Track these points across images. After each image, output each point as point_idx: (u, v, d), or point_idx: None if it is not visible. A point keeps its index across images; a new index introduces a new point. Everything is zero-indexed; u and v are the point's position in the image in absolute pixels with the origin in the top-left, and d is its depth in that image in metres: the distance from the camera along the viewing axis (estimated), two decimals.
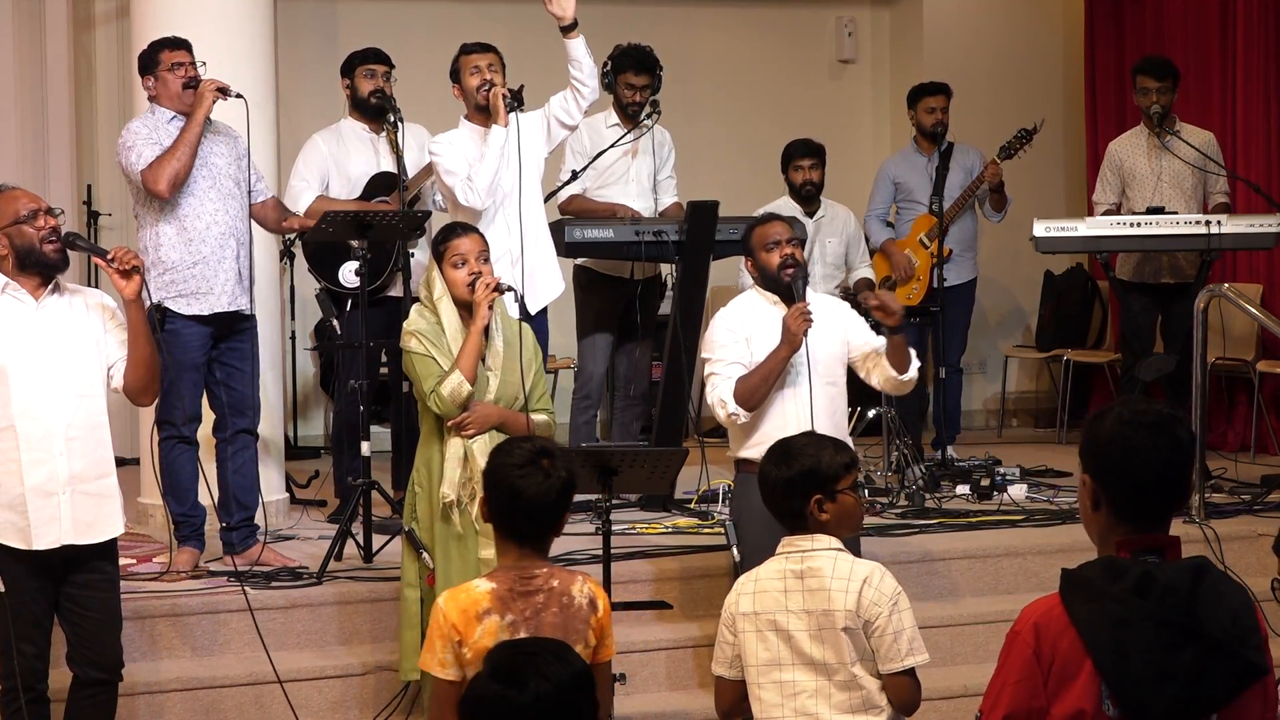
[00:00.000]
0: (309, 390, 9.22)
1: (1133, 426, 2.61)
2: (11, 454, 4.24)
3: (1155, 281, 7.46)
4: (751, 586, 3.87)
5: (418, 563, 4.84)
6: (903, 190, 8.13)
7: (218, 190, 5.68)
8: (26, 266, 4.28)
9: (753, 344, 5.04)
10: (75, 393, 4.30)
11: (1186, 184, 7.43)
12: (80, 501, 4.30)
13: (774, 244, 5.09)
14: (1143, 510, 2.62)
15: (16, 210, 4.28)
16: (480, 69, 6.02)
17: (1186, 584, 2.52)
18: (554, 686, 2.44)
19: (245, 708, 5.24)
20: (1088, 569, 2.59)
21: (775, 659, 3.82)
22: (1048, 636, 2.56)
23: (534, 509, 3.52)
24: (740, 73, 9.77)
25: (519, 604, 3.51)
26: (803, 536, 3.87)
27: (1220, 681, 2.50)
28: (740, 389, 4.98)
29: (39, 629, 4.33)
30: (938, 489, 7.05)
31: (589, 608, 3.58)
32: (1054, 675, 2.54)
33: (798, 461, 3.89)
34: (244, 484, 5.81)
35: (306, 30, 8.92)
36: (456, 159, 5.95)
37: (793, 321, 4.93)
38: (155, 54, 5.75)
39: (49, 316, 4.30)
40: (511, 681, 2.45)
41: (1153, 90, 7.38)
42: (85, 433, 4.32)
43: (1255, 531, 6.44)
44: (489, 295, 4.69)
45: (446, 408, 4.70)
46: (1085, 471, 2.67)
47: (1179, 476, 2.64)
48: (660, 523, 6.44)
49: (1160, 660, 2.47)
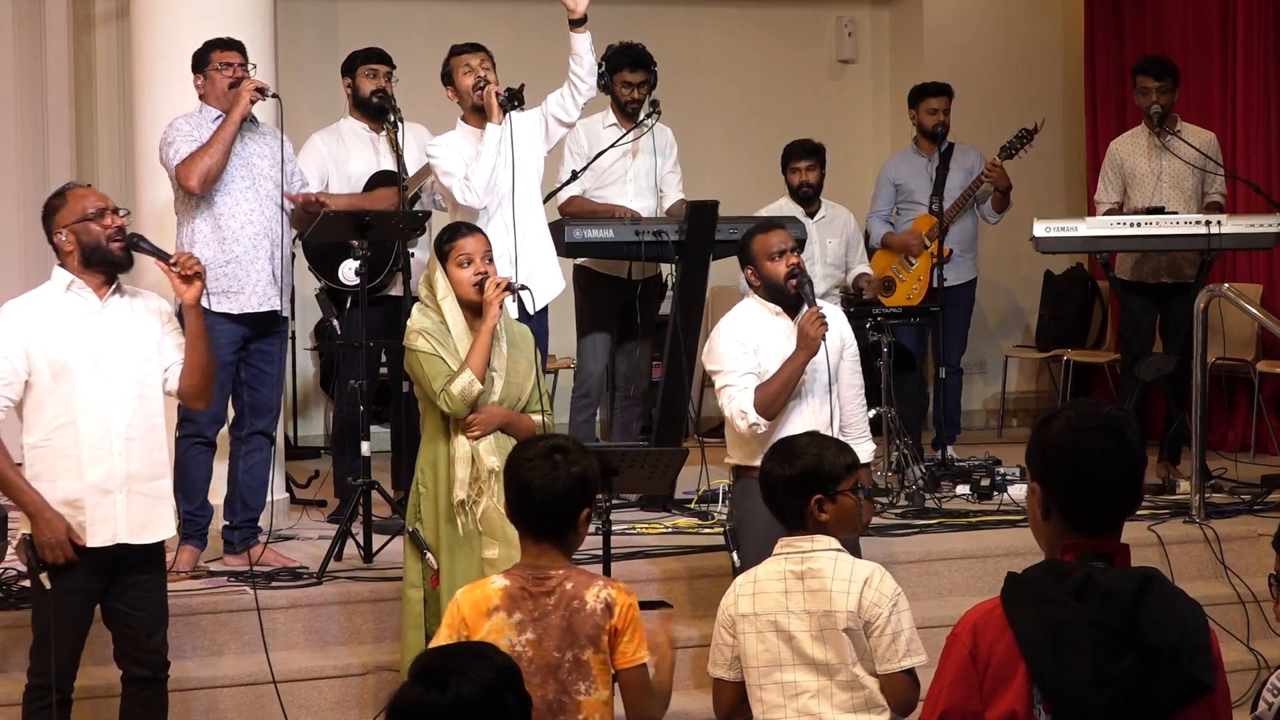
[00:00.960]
0: (309, 390, 9.22)
1: (1081, 431, 2.55)
2: (71, 450, 4.27)
3: (1154, 281, 7.46)
4: (751, 588, 3.87)
5: (421, 563, 4.83)
6: (903, 191, 8.14)
7: (256, 191, 5.69)
8: (91, 264, 4.33)
9: (761, 354, 4.98)
10: (135, 393, 4.35)
11: (1187, 184, 7.43)
12: (136, 501, 4.35)
13: (779, 253, 5.02)
14: (1093, 517, 2.56)
15: (84, 208, 4.34)
16: (473, 68, 6.01)
17: (1131, 591, 2.46)
18: (476, 686, 2.38)
19: (245, 708, 5.24)
20: (1031, 571, 2.54)
21: (776, 660, 3.82)
22: (984, 638, 2.52)
23: (540, 503, 3.51)
24: (740, 73, 9.77)
25: (528, 603, 3.50)
26: (802, 537, 3.87)
27: (1161, 693, 2.44)
28: (760, 398, 4.92)
29: (77, 629, 4.36)
30: (938, 489, 7.06)
31: (603, 612, 3.51)
32: (989, 677, 2.50)
33: (800, 460, 3.89)
34: (253, 485, 5.82)
35: (306, 30, 8.92)
36: (454, 160, 5.95)
37: (810, 326, 4.89)
38: (206, 53, 5.78)
39: (112, 316, 4.35)
40: (431, 684, 2.40)
41: (1152, 90, 7.38)
42: (144, 433, 4.37)
43: (1255, 531, 6.43)
44: (500, 295, 4.68)
45: (457, 407, 4.68)
46: (1034, 478, 2.61)
47: (1130, 481, 2.57)
48: (660, 523, 6.44)
49: (1097, 665, 2.42)
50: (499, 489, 4.69)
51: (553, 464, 3.51)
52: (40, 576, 4.25)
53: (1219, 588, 6.16)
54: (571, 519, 3.54)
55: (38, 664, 4.33)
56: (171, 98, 6.17)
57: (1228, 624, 6.03)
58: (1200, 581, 6.20)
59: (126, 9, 7.26)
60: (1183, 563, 6.22)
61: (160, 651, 4.50)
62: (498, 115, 5.89)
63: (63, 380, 4.26)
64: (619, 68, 7.01)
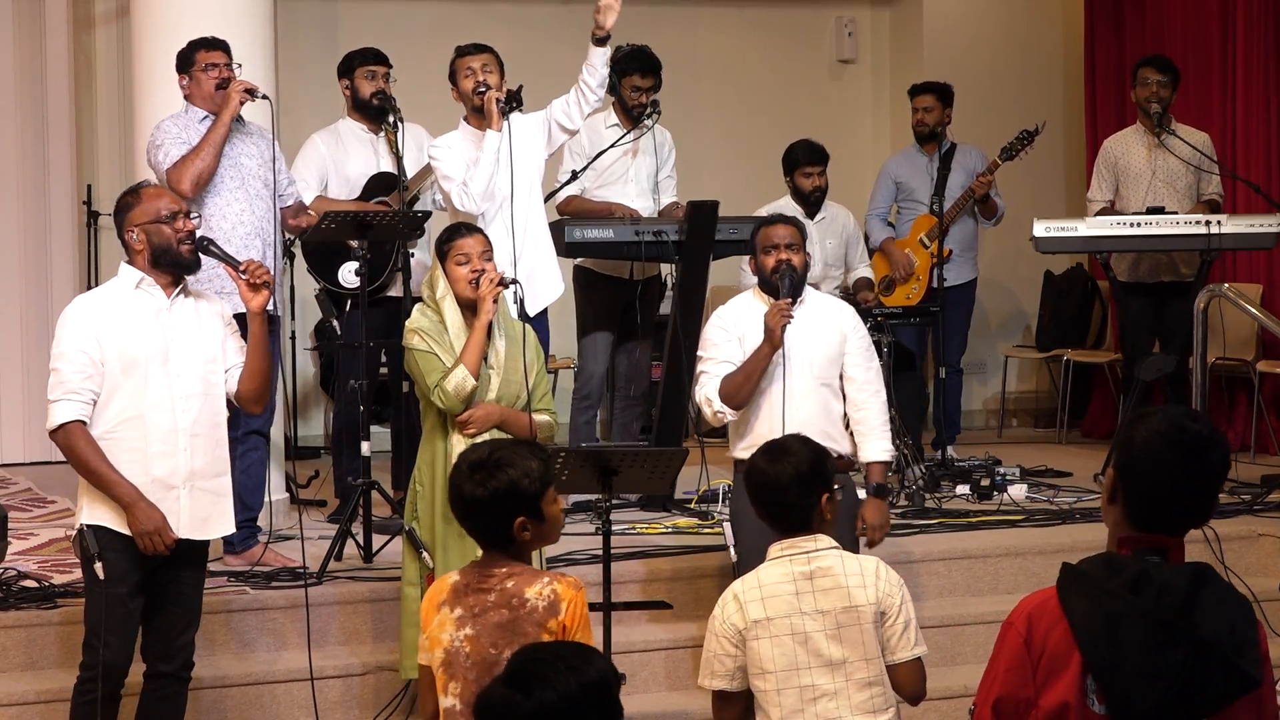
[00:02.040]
0: (309, 390, 9.22)
1: (1167, 442, 2.58)
2: (138, 444, 4.31)
3: (1151, 281, 7.46)
4: (758, 593, 3.82)
5: (418, 561, 4.84)
6: (904, 190, 8.14)
7: (245, 190, 5.70)
8: (160, 265, 4.38)
9: (746, 343, 5.06)
10: (200, 391, 4.40)
11: (1180, 183, 7.43)
12: (198, 497, 4.40)
13: (772, 248, 5.12)
14: (1155, 521, 2.60)
15: (158, 209, 4.38)
16: (474, 71, 6.02)
17: (1184, 586, 2.50)
18: (558, 695, 2.43)
19: (245, 708, 5.24)
20: (1087, 564, 2.58)
21: (794, 663, 3.79)
22: (1039, 627, 2.56)
23: (471, 513, 3.52)
24: (740, 73, 9.77)
25: (469, 599, 3.51)
26: (804, 538, 3.86)
27: (1211, 687, 2.48)
28: (724, 387, 5.02)
29: (128, 621, 4.37)
30: (938, 489, 7.06)
31: (546, 610, 3.48)
32: (1043, 666, 2.54)
33: (803, 459, 3.87)
34: (250, 484, 5.82)
35: (306, 30, 8.92)
36: (454, 163, 5.94)
37: (770, 318, 4.97)
38: (191, 53, 5.78)
39: (179, 315, 4.40)
40: (518, 686, 2.45)
41: (1154, 82, 7.37)
42: (208, 430, 4.42)
43: (1255, 531, 6.44)
44: (493, 290, 4.71)
45: (450, 403, 4.70)
46: (1112, 464, 2.66)
47: (1203, 500, 2.61)
48: (660, 523, 6.45)
49: (1151, 658, 2.46)
50: None
51: (485, 474, 3.48)
52: (95, 567, 4.26)
53: None
54: (505, 528, 3.49)
55: (89, 656, 4.36)
56: (171, 98, 6.16)
57: None
58: None
59: (126, 9, 7.26)
60: None
61: (188, 650, 4.53)
62: (497, 122, 5.89)
63: (132, 375, 4.30)
64: (629, 71, 7.02)
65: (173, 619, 4.47)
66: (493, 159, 5.86)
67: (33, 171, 8.33)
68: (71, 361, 4.28)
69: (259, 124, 5.82)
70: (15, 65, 8.31)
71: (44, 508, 7.02)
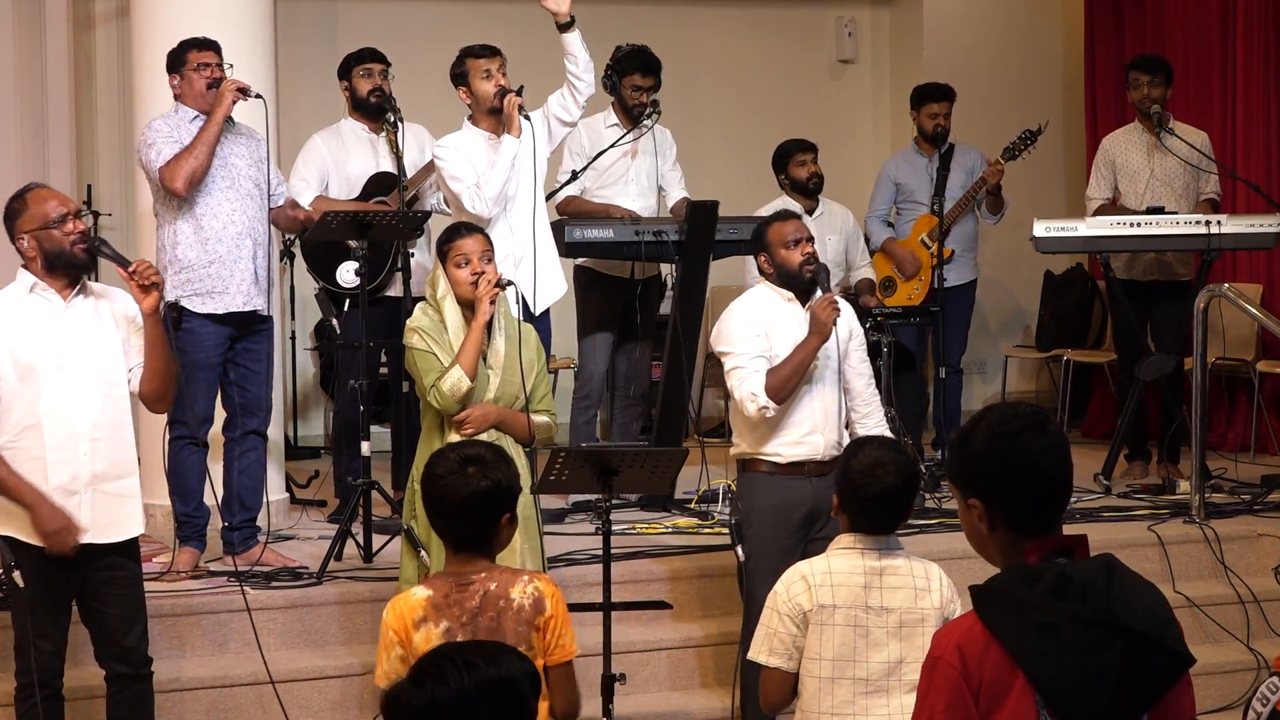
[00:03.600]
0: (309, 390, 9.22)
1: (1005, 436, 2.54)
2: (36, 451, 4.26)
3: (1144, 280, 7.45)
4: (828, 579, 3.80)
5: (416, 560, 4.84)
6: (904, 191, 8.13)
7: (236, 190, 5.69)
8: (54, 269, 4.32)
9: (772, 338, 5.00)
10: (100, 393, 4.34)
11: (1178, 182, 7.42)
12: (101, 501, 4.34)
13: (794, 242, 5.06)
14: (1037, 515, 2.55)
15: (46, 213, 4.31)
16: (492, 73, 5.95)
17: (1102, 580, 2.45)
18: (451, 692, 2.43)
19: (245, 707, 5.24)
20: (997, 580, 2.51)
21: (851, 655, 3.77)
22: (972, 655, 2.45)
23: (458, 516, 3.52)
24: (740, 73, 9.77)
25: (454, 610, 3.50)
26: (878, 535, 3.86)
27: (1150, 676, 2.44)
28: (772, 381, 4.92)
29: (56, 626, 4.35)
30: (938, 489, 7.05)
31: (532, 609, 3.52)
32: (984, 694, 2.45)
33: (910, 462, 3.88)
34: (249, 485, 5.82)
35: (306, 30, 8.92)
36: (462, 164, 5.91)
37: (822, 311, 4.91)
38: (183, 53, 5.77)
39: (76, 317, 4.34)
40: (415, 681, 2.46)
41: (1143, 84, 7.36)
42: (109, 433, 4.36)
43: (1255, 531, 6.44)
44: (490, 291, 4.70)
45: (446, 403, 4.70)
46: (968, 496, 2.58)
47: (1063, 471, 2.57)
48: (660, 523, 6.45)
49: (1089, 661, 2.40)
50: None
51: (466, 477, 3.49)
52: (14, 575, 4.22)
53: (1219, 588, 6.16)
54: (492, 526, 3.54)
55: (22, 663, 4.34)
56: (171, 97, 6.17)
57: (1227, 624, 6.03)
58: (1200, 581, 6.21)
59: (126, 9, 7.26)
60: (1182, 563, 6.23)
61: (140, 648, 4.49)
62: (518, 128, 5.86)
63: (28, 382, 4.25)
64: (630, 71, 7.01)
65: (115, 622, 4.42)
66: (509, 165, 5.83)
67: (33, 171, 8.32)
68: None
69: (249, 124, 5.82)
70: (15, 65, 8.31)
71: None
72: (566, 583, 5.20)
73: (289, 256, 8.24)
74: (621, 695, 4.99)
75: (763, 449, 5.00)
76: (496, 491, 3.51)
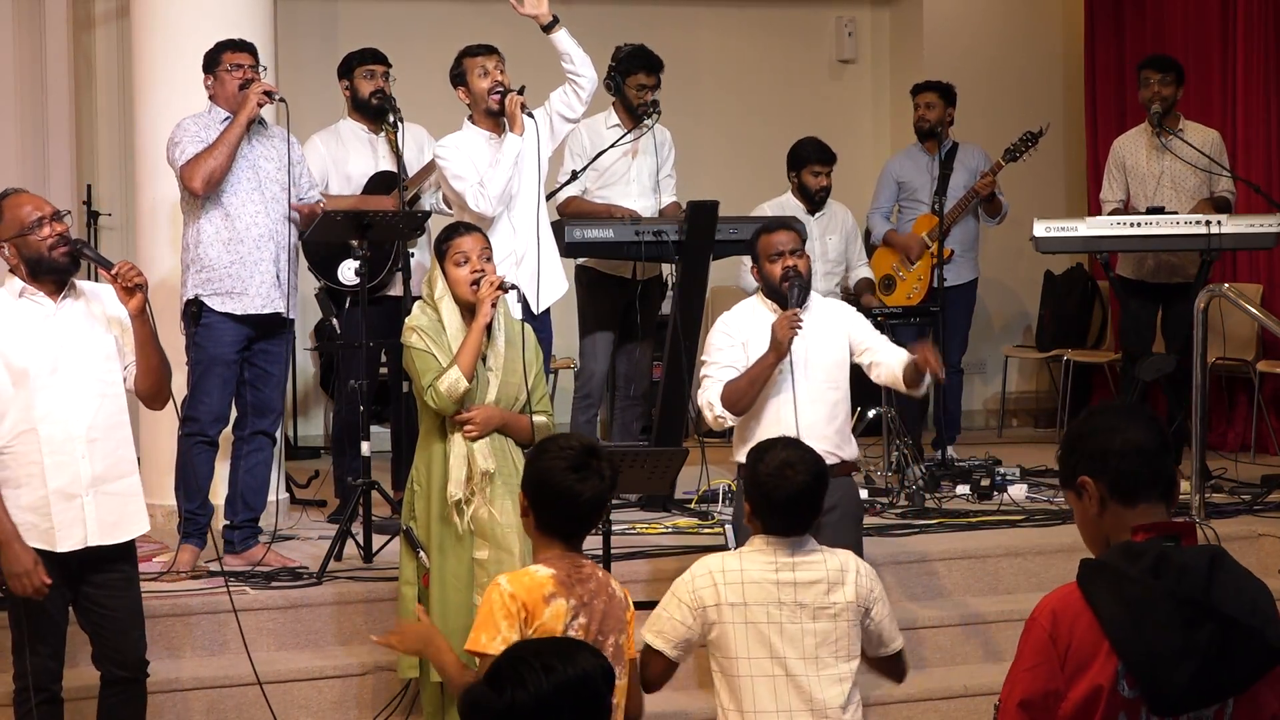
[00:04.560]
0: (309, 390, 9.22)
1: (1108, 413, 2.72)
2: (34, 456, 4.24)
3: (1154, 281, 7.46)
4: (738, 577, 3.82)
5: (415, 561, 4.84)
6: (906, 189, 8.14)
7: (262, 193, 5.70)
8: (38, 275, 4.29)
9: (750, 348, 5.04)
10: (96, 393, 4.31)
11: (1187, 184, 7.42)
12: (104, 502, 4.32)
13: (777, 255, 5.08)
14: (1140, 481, 2.66)
15: (22, 220, 4.27)
16: (489, 71, 5.96)
17: (1204, 566, 2.55)
18: (530, 695, 2.44)
19: (245, 707, 5.24)
20: (1106, 555, 2.62)
21: (768, 653, 3.80)
22: (1064, 619, 2.58)
23: (591, 512, 3.62)
24: (740, 73, 9.77)
25: (578, 589, 3.57)
26: (792, 537, 3.87)
27: (1239, 663, 2.51)
28: (727, 392, 4.99)
29: (54, 629, 4.34)
30: (938, 489, 7.06)
31: (623, 601, 3.68)
32: (1070, 658, 2.56)
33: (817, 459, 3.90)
34: (254, 485, 5.82)
35: (306, 30, 8.92)
36: (464, 164, 5.90)
37: (780, 328, 4.94)
38: (218, 54, 5.79)
39: (67, 318, 4.32)
40: (494, 684, 2.48)
41: (1154, 82, 7.37)
42: (106, 433, 4.33)
43: (1255, 531, 6.44)
44: (492, 293, 4.69)
45: (443, 403, 4.70)
46: (1077, 475, 2.71)
47: (1164, 448, 2.70)
48: (660, 523, 6.44)
49: (1178, 638, 2.49)
50: (491, 491, 4.71)
51: (599, 474, 3.59)
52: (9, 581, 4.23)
53: None
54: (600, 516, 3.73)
55: (19, 665, 4.32)
56: (171, 98, 6.18)
57: None
58: None
59: (126, 9, 7.26)
60: None
61: (138, 652, 4.48)
62: (520, 125, 5.86)
63: (22, 387, 4.23)
64: (634, 70, 7.01)
65: (114, 625, 4.41)
66: (513, 162, 5.83)
67: (33, 171, 8.32)
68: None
69: (281, 128, 5.82)
70: (15, 65, 8.31)
71: None
72: None
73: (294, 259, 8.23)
74: None
75: (737, 456, 5.06)
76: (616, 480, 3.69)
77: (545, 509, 3.61)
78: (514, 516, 4.65)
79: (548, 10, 5.95)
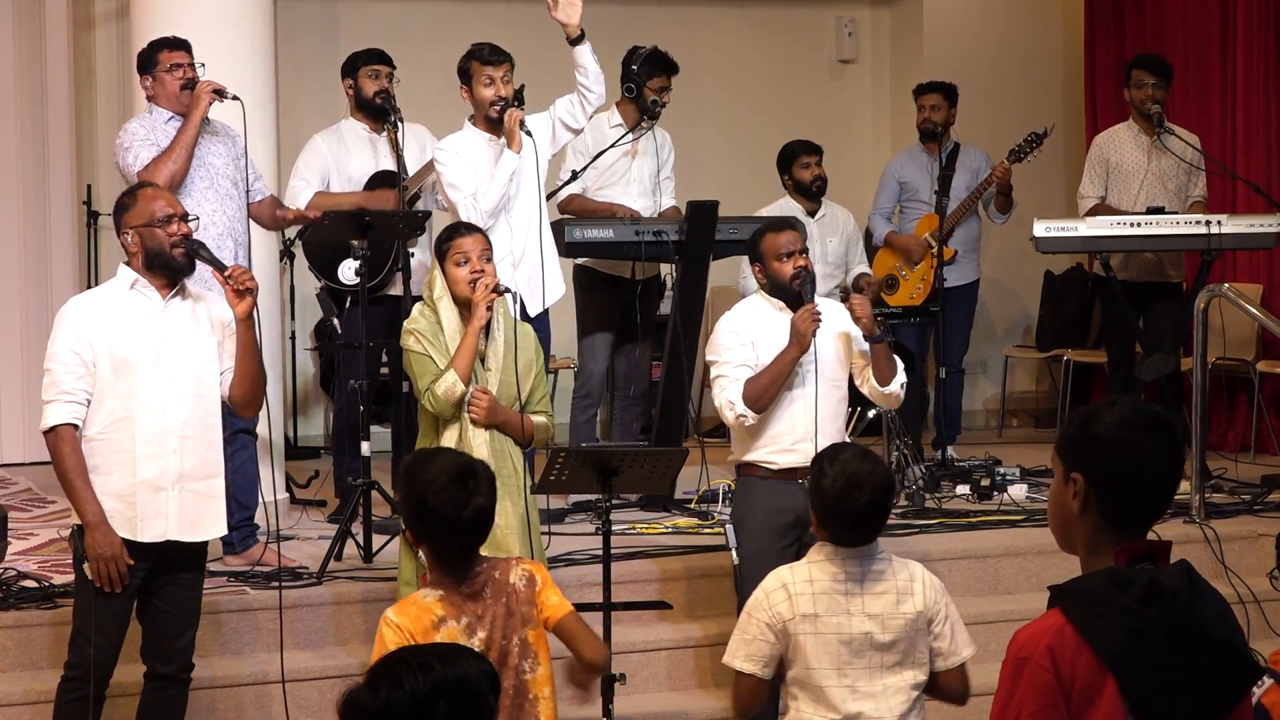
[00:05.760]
0: (309, 390, 9.22)
1: (1135, 427, 2.49)
2: (127, 444, 4.31)
3: (1139, 280, 7.45)
4: (809, 587, 3.81)
5: (415, 561, 4.83)
6: (908, 190, 8.14)
7: (215, 190, 5.68)
8: (153, 267, 4.38)
9: (758, 347, 5.02)
10: (192, 392, 4.39)
11: (1172, 183, 7.42)
12: (188, 499, 4.39)
13: (787, 255, 5.06)
14: (1134, 515, 2.52)
15: (153, 212, 4.39)
16: (494, 81, 5.90)
17: (1185, 588, 2.45)
18: (406, 694, 2.44)
19: (245, 707, 5.24)
20: (1086, 583, 2.48)
21: (837, 663, 3.78)
22: (1064, 658, 2.42)
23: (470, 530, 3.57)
24: (740, 73, 9.77)
25: (471, 605, 3.57)
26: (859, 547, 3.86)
27: (1229, 686, 2.44)
28: (749, 390, 4.95)
29: (116, 622, 4.38)
30: (938, 489, 7.06)
31: (526, 587, 3.64)
32: (1076, 698, 2.42)
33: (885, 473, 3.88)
34: (243, 484, 5.81)
35: (306, 30, 8.92)
36: (462, 170, 5.88)
37: (801, 322, 4.92)
38: (154, 54, 5.76)
39: (173, 316, 4.40)
40: (371, 684, 2.47)
41: (1149, 84, 7.35)
42: (199, 432, 4.41)
43: (1255, 531, 6.44)
44: (488, 296, 4.69)
45: (440, 406, 4.70)
46: (1076, 469, 2.53)
47: (1173, 483, 2.54)
48: (660, 523, 6.45)
49: (1178, 670, 2.40)
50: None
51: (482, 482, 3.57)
52: (85, 566, 4.28)
53: (1219, 588, 6.09)
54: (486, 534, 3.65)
55: (75, 655, 4.36)
56: None
57: None
58: None
59: (126, 9, 7.26)
60: None
61: (187, 651, 4.53)
62: (518, 144, 5.83)
63: (123, 375, 4.30)
64: (655, 74, 7.00)
65: (170, 621, 4.46)
66: (507, 180, 5.80)
67: (33, 171, 8.33)
68: (64, 363, 4.29)
69: (224, 122, 5.80)
70: (15, 65, 8.31)
71: (44, 507, 7.02)
72: (566, 583, 5.20)
73: (289, 256, 8.23)
74: (621, 695, 4.99)
75: (756, 455, 5.03)
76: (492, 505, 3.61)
77: (428, 537, 3.61)
78: (513, 518, 4.66)
79: (578, 23, 5.90)
